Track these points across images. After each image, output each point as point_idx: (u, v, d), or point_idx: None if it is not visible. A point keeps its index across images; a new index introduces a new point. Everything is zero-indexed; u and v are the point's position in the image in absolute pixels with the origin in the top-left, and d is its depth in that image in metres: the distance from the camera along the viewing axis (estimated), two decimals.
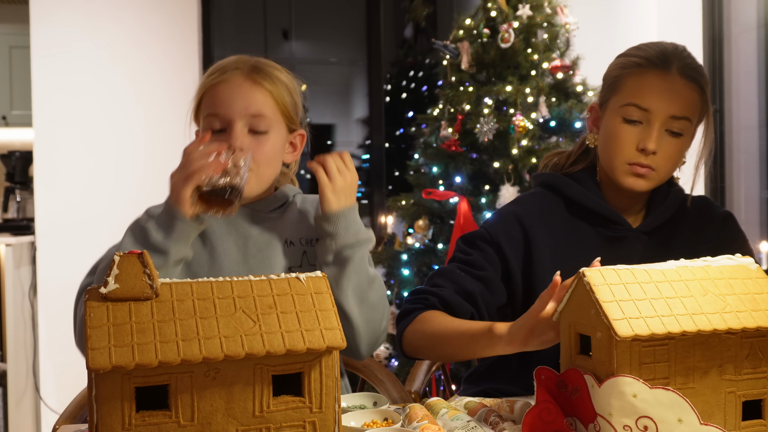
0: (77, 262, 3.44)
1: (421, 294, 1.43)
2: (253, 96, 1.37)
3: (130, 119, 3.55)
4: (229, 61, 1.40)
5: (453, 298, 1.39)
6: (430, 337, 1.36)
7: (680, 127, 1.39)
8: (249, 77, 1.38)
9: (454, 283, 1.42)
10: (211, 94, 1.37)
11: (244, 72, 1.38)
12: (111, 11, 3.54)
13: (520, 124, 2.91)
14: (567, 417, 0.99)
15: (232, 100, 1.35)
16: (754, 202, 3.19)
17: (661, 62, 1.38)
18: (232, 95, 1.36)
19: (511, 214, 1.48)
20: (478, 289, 1.42)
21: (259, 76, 1.38)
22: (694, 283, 1.00)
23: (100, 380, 0.79)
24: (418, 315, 1.39)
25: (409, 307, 1.42)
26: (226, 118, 1.35)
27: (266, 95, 1.38)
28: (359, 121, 5.71)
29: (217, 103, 1.36)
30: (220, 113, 1.36)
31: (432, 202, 3.13)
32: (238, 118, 1.35)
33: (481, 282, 1.42)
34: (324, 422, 0.86)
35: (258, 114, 1.36)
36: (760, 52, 3.15)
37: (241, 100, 1.35)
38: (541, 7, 3.10)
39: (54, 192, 3.52)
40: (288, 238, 1.43)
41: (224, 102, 1.36)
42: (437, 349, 1.38)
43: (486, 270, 1.43)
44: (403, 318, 1.42)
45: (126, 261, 0.85)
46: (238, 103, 1.35)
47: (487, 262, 1.43)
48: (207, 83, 1.39)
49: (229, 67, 1.38)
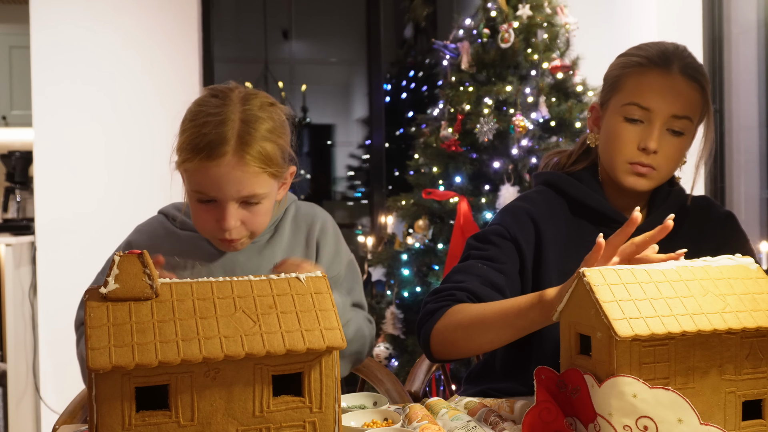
0: (77, 262, 3.46)
1: (444, 291, 1.37)
2: (246, 179, 1.30)
3: (130, 119, 3.55)
4: (217, 132, 1.28)
5: (481, 289, 1.34)
6: (467, 326, 1.29)
7: (681, 127, 1.39)
8: (240, 158, 1.29)
9: (479, 276, 1.37)
10: (199, 175, 1.30)
11: (234, 154, 1.28)
12: (111, 11, 3.54)
13: (520, 124, 2.91)
14: (567, 417, 0.99)
15: (224, 185, 1.29)
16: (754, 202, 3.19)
17: (663, 62, 1.39)
18: (224, 181, 1.29)
19: (522, 210, 1.47)
20: (504, 281, 1.38)
21: (249, 148, 1.29)
22: (694, 283, 1.00)
23: (100, 380, 0.79)
24: (447, 310, 1.33)
25: (434, 306, 1.35)
26: (218, 199, 1.31)
27: (258, 173, 1.31)
28: (359, 121, 5.71)
29: (207, 187, 1.30)
30: (210, 195, 1.31)
31: (432, 202, 3.13)
32: (229, 200, 1.31)
33: (504, 275, 1.39)
34: (324, 422, 0.86)
35: (250, 194, 1.32)
36: (760, 52, 3.15)
37: (233, 186, 1.29)
38: (541, 7, 3.10)
39: (54, 192, 3.52)
40: (276, 263, 1.38)
41: (215, 186, 1.29)
42: (477, 336, 1.29)
43: (506, 264, 1.41)
44: (429, 317, 1.35)
45: (126, 261, 0.85)
46: (230, 189, 1.30)
47: (505, 256, 1.41)
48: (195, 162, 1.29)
49: (216, 148, 1.28)
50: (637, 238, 1.16)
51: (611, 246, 1.14)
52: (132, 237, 1.46)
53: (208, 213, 1.33)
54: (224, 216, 1.31)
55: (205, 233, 1.38)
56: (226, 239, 1.35)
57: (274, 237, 1.46)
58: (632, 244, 1.15)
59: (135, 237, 1.46)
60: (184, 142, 1.32)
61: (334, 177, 5.77)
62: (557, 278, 1.20)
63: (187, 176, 1.34)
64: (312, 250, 1.47)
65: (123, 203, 3.51)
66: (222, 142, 1.28)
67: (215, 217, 1.32)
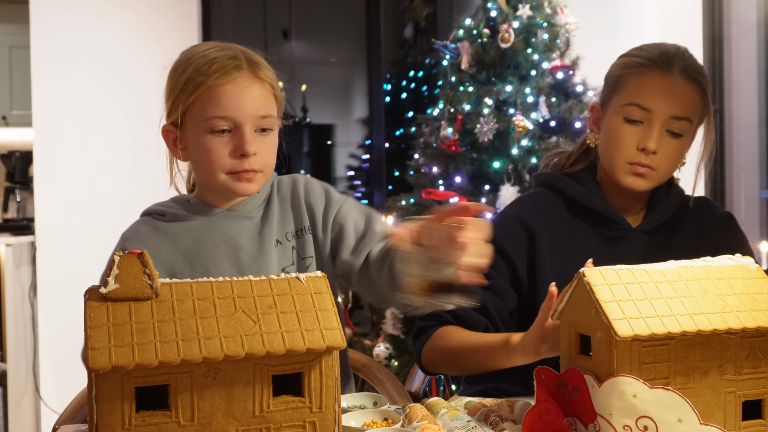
0: (77, 262, 3.46)
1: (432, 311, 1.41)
2: (263, 97, 1.29)
3: (130, 119, 3.55)
4: (222, 56, 1.29)
5: (465, 312, 1.39)
6: (447, 354, 1.39)
7: (681, 128, 1.39)
8: (255, 75, 1.29)
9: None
10: (216, 96, 1.26)
11: (247, 70, 1.29)
12: (111, 11, 3.54)
13: (520, 124, 2.91)
14: (567, 417, 0.99)
15: (242, 103, 1.27)
16: (754, 202, 3.19)
17: (663, 63, 1.39)
18: (242, 98, 1.27)
19: (512, 216, 1.48)
20: (489, 300, 1.41)
21: (261, 71, 1.31)
22: (694, 283, 1.00)
23: (100, 380, 0.79)
24: (433, 332, 1.41)
25: (423, 324, 1.43)
26: (236, 121, 1.27)
27: (270, 94, 1.32)
28: (359, 121, 5.71)
29: (224, 106, 1.26)
30: (228, 116, 1.26)
31: (432, 202, 3.12)
32: (248, 121, 1.27)
33: (490, 292, 1.41)
34: (324, 422, 0.86)
35: (267, 115, 1.29)
36: (760, 52, 3.15)
37: (251, 103, 1.27)
38: (541, 7, 3.10)
39: (54, 192, 3.52)
40: (276, 238, 1.37)
41: (233, 105, 1.26)
42: (456, 364, 1.41)
43: (494, 278, 1.42)
44: (419, 336, 1.43)
45: (126, 261, 0.85)
46: (248, 106, 1.27)
47: (494, 270, 1.42)
48: (208, 83, 1.27)
49: (227, 65, 1.28)
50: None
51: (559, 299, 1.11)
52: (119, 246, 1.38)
53: (224, 146, 1.27)
54: (244, 140, 1.26)
55: (221, 170, 1.29)
56: (246, 170, 1.28)
57: (267, 213, 1.39)
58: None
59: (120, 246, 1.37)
60: (189, 76, 1.28)
61: (334, 177, 5.77)
62: (553, 280, 1.20)
63: (196, 108, 1.28)
64: (304, 213, 1.40)
65: (123, 203, 3.51)
66: (234, 59, 1.28)
67: (233, 147, 1.27)
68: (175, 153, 1.37)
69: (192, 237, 1.35)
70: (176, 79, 1.31)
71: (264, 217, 1.38)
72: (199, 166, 1.33)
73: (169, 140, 1.35)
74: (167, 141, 1.36)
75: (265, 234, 1.36)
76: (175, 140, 1.34)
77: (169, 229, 1.36)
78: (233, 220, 1.36)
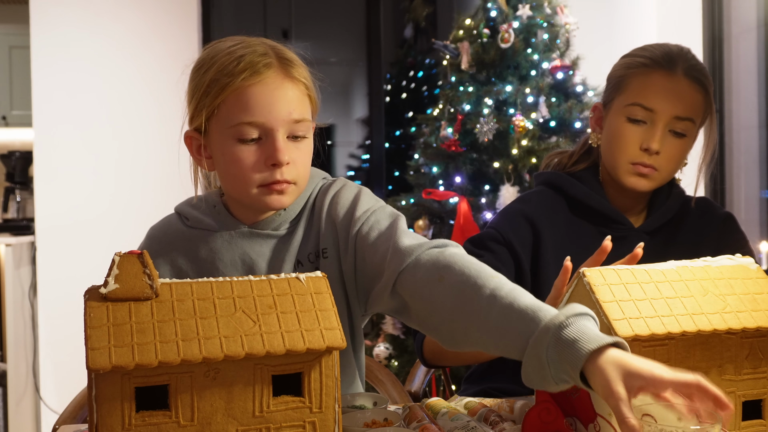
0: (77, 263, 3.46)
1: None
2: (296, 98, 1.16)
3: (130, 119, 3.55)
4: (250, 53, 1.15)
5: None
6: None
7: (684, 128, 1.39)
8: (286, 74, 1.16)
9: None
10: (244, 99, 1.13)
11: (279, 68, 1.15)
12: (111, 11, 3.54)
13: (520, 124, 2.91)
14: (567, 417, 0.99)
15: (273, 106, 1.13)
16: (754, 202, 3.19)
17: (667, 63, 1.39)
18: (273, 100, 1.13)
19: (518, 212, 1.48)
20: None
21: (293, 70, 1.17)
22: (694, 283, 1.00)
23: (100, 380, 0.79)
24: None
25: None
26: (266, 126, 1.13)
27: (304, 95, 1.18)
28: (359, 121, 5.71)
29: (253, 110, 1.12)
30: (258, 121, 1.13)
31: (432, 202, 3.13)
32: (280, 127, 1.14)
33: None
34: (324, 422, 0.86)
35: (301, 119, 1.16)
36: (760, 52, 3.15)
37: (284, 105, 1.14)
38: (541, 7, 3.10)
39: (54, 192, 3.52)
40: (298, 258, 1.22)
41: (263, 108, 1.13)
42: (461, 353, 1.33)
43: (500, 270, 1.41)
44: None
45: (126, 261, 0.85)
46: (280, 109, 1.13)
47: (500, 263, 1.42)
48: (235, 84, 1.13)
49: (256, 63, 1.14)
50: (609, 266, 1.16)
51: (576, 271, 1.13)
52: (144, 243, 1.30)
53: (253, 155, 1.14)
54: (276, 148, 1.13)
55: (252, 185, 1.15)
56: (278, 181, 1.15)
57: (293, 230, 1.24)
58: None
59: (146, 244, 1.30)
60: (213, 77, 1.14)
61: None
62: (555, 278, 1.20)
63: (222, 113, 1.15)
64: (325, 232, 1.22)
65: (123, 203, 3.51)
66: (264, 56, 1.15)
67: (263, 156, 1.14)
68: (199, 162, 1.23)
69: (210, 249, 1.23)
70: (199, 80, 1.17)
71: (288, 235, 1.24)
72: (227, 178, 1.19)
73: (192, 148, 1.22)
74: (190, 149, 1.23)
75: (284, 255, 1.22)
76: (199, 148, 1.21)
77: (191, 236, 1.25)
78: (257, 238, 1.23)
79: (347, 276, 1.20)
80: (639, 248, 1.14)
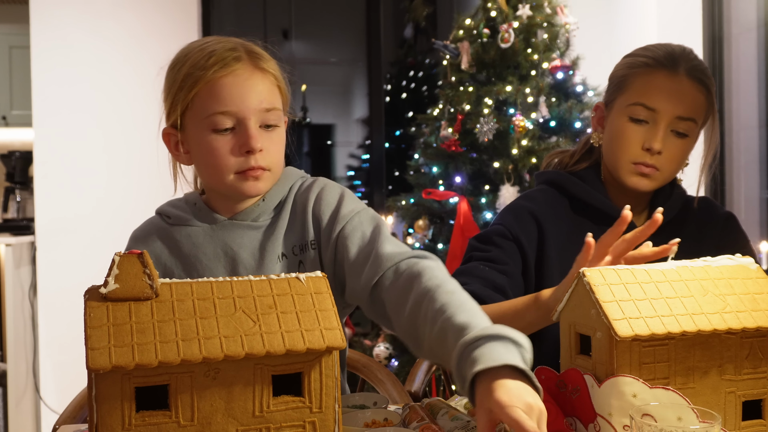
0: (77, 262, 3.46)
1: None
2: (266, 88, 1.22)
3: (130, 119, 3.55)
4: (221, 48, 1.23)
5: (483, 291, 1.34)
6: None
7: (686, 128, 1.40)
8: (256, 66, 1.23)
9: (481, 278, 1.38)
10: (216, 90, 1.19)
11: (248, 61, 1.22)
12: (111, 11, 3.54)
13: (520, 124, 2.91)
14: (567, 417, 0.99)
15: (245, 96, 1.20)
16: (754, 202, 3.19)
17: (669, 63, 1.39)
18: (245, 90, 1.20)
19: (524, 209, 1.48)
20: (506, 282, 1.39)
21: (262, 62, 1.24)
22: (694, 283, 1.00)
23: (100, 380, 0.79)
24: None
25: None
26: (239, 116, 1.20)
27: (274, 86, 1.25)
28: (359, 121, 5.71)
29: (225, 100, 1.19)
30: (230, 110, 1.19)
31: (432, 202, 3.13)
32: (251, 115, 1.20)
33: (506, 276, 1.39)
34: (324, 422, 0.86)
35: (271, 107, 1.22)
36: (760, 52, 3.15)
37: (254, 95, 1.20)
38: (541, 7, 3.10)
39: (54, 192, 3.52)
40: (282, 251, 1.27)
41: (235, 98, 1.19)
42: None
43: (508, 264, 1.41)
44: None
45: (126, 261, 0.85)
46: (252, 99, 1.20)
47: (508, 257, 1.41)
48: (207, 77, 1.20)
49: (226, 57, 1.21)
50: (628, 234, 1.17)
51: (603, 245, 1.17)
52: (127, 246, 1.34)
53: (228, 143, 1.20)
54: (249, 135, 1.19)
55: (228, 171, 1.21)
56: (252, 167, 1.21)
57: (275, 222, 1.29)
58: (624, 242, 1.18)
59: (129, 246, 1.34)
60: (187, 72, 1.22)
61: (334, 177, 5.76)
62: (559, 277, 1.20)
63: (196, 105, 1.21)
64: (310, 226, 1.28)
65: (123, 203, 3.51)
66: (233, 50, 1.22)
67: (238, 144, 1.20)
68: (177, 157, 1.30)
69: (192, 244, 1.29)
70: (174, 77, 1.24)
71: (270, 227, 1.29)
72: (204, 169, 1.26)
73: (170, 144, 1.29)
74: (168, 145, 1.29)
75: (268, 246, 1.27)
76: (176, 144, 1.27)
77: (173, 233, 1.31)
78: (237, 229, 1.28)
79: (327, 269, 1.26)
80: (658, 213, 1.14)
